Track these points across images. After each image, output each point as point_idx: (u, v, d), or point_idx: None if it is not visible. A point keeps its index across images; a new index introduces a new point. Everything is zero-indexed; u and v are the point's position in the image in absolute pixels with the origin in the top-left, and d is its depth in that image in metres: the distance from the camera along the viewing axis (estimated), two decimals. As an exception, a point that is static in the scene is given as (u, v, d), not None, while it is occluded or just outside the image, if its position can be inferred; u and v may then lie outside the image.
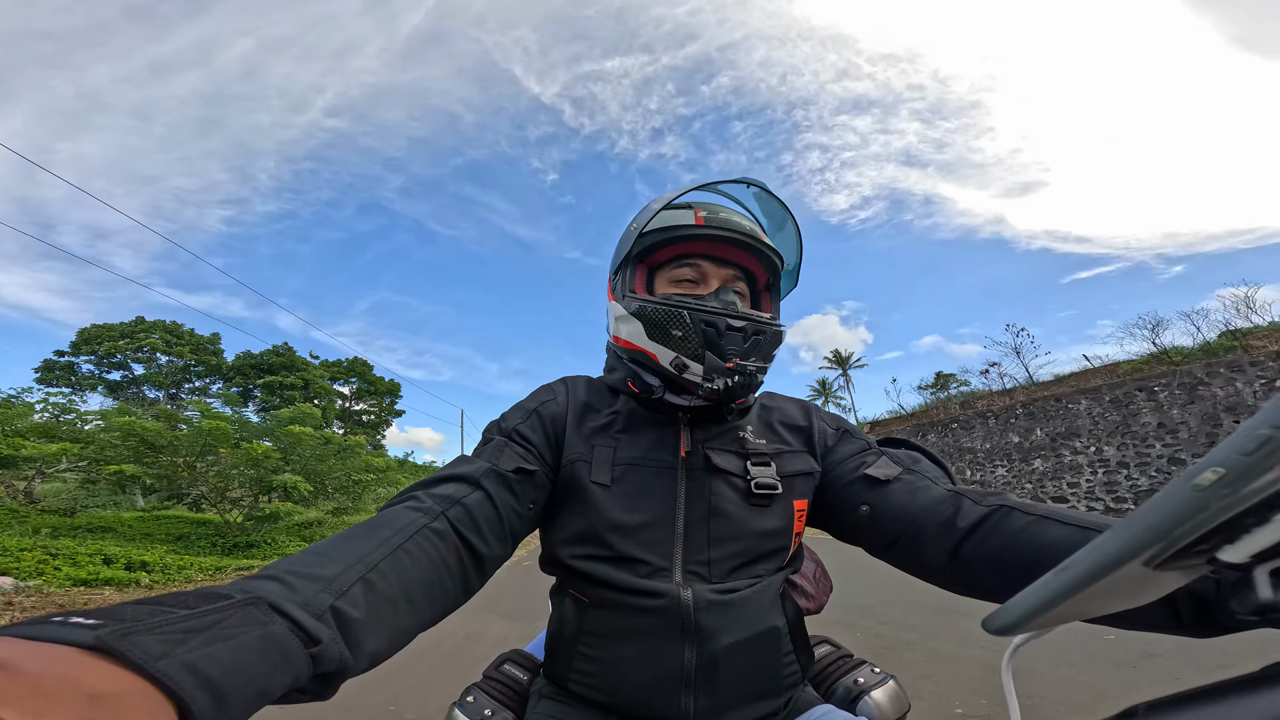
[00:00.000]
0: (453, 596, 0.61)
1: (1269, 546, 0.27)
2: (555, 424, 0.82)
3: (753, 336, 0.77)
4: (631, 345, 0.83)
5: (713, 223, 0.82)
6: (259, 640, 0.37)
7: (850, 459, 0.82)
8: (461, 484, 0.68)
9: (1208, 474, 0.25)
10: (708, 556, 0.73)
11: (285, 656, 0.38)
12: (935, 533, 0.67)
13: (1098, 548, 0.30)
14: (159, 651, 0.30)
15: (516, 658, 0.86)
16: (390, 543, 0.55)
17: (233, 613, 0.37)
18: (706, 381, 0.75)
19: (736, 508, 0.76)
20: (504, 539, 0.69)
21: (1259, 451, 0.24)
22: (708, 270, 0.85)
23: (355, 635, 0.46)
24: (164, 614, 0.33)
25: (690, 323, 0.75)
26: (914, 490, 0.73)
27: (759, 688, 0.71)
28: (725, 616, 0.69)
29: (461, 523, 0.63)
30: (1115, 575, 0.30)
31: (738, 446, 0.81)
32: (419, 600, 0.56)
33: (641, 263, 0.88)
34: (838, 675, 0.84)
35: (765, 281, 0.90)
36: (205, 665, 0.32)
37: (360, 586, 0.49)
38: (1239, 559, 0.28)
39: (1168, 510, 0.27)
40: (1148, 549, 0.28)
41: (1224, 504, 0.26)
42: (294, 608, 0.41)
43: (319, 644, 0.41)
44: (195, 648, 0.32)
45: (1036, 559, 0.56)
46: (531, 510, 0.75)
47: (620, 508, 0.74)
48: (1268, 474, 0.24)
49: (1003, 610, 0.35)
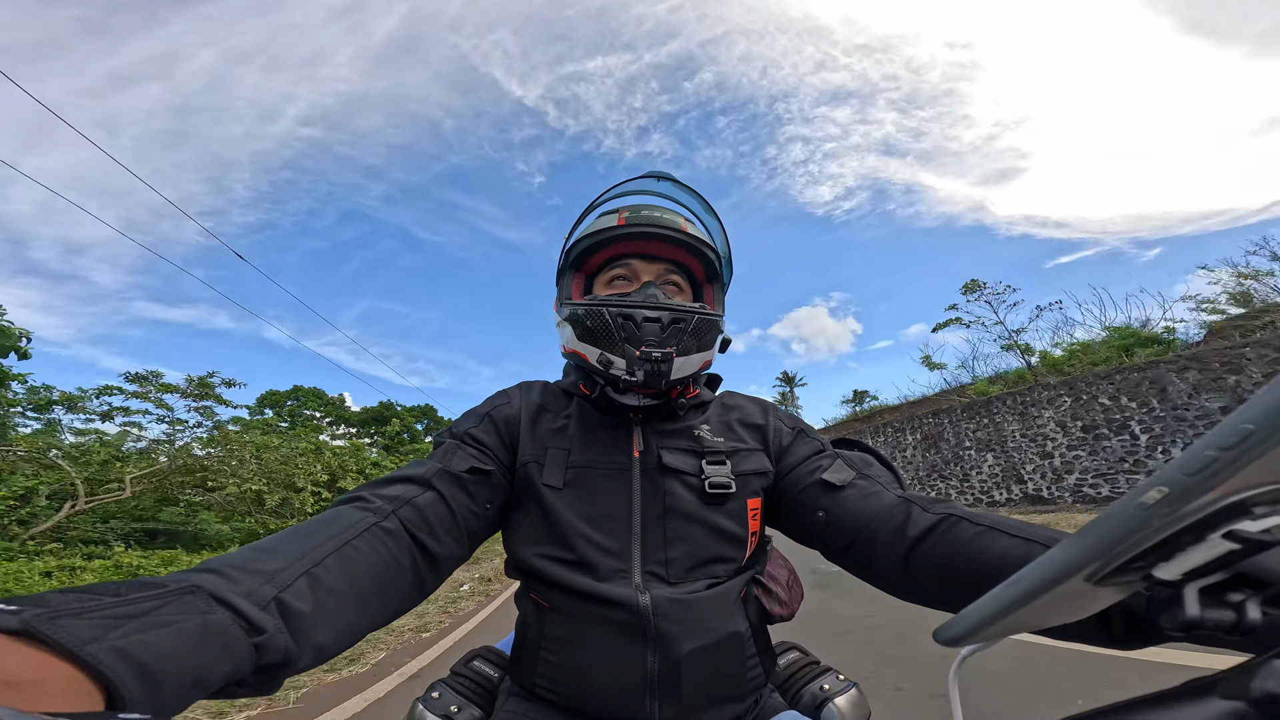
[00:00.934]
0: (406, 596, 0.61)
1: (1200, 565, 0.28)
2: (509, 426, 0.83)
3: (671, 325, 0.77)
4: (570, 349, 0.84)
5: (634, 221, 0.84)
6: (198, 628, 0.36)
7: (806, 462, 0.83)
8: (411, 485, 0.68)
9: (1153, 493, 0.26)
10: (665, 557, 0.73)
11: (226, 646, 0.37)
12: (886, 540, 0.69)
13: (1045, 563, 0.31)
14: (88, 635, 0.29)
15: (487, 654, 0.86)
16: (338, 539, 0.55)
17: (169, 600, 0.36)
18: (627, 375, 0.75)
19: (692, 507, 0.76)
20: (460, 539, 0.69)
21: (1203, 472, 0.25)
22: (638, 268, 0.86)
23: (300, 628, 0.45)
24: (93, 600, 0.33)
25: (609, 319, 0.77)
26: (866, 496, 0.75)
27: (723, 691, 0.71)
28: (685, 621, 0.69)
29: (412, 522, 0.63)
30: (1059, 589, 0.30)
31: (693, 445, 0.82)
32: (368, 597, 0.55)
33: (578, 271, 0.90)
34: (804, 682, 0.85)
35: (705, 274, 0.91)
36: (138, 651, 0.31)
37: (305, 580, 0.48)
38: (1172, 576, 0.29)
39: (1112, 527, 0.28)
40: (1090, 564, 0.29)
41: (1164, 522, 0.26)
42: (236, 597, 0.41)
43: (263, 633, 0.40)
44: (128, 634, 0.31)
45: (984, 570, 0.57)
46: (489, 510, 0.75)
47: (574, 510, 0.75)
48: (1207, 494, 0.25)
49: (954, 622, 0.36)
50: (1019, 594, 0.32)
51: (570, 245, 0.88)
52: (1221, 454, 0.24)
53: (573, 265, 0.89)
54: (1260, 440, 0.23)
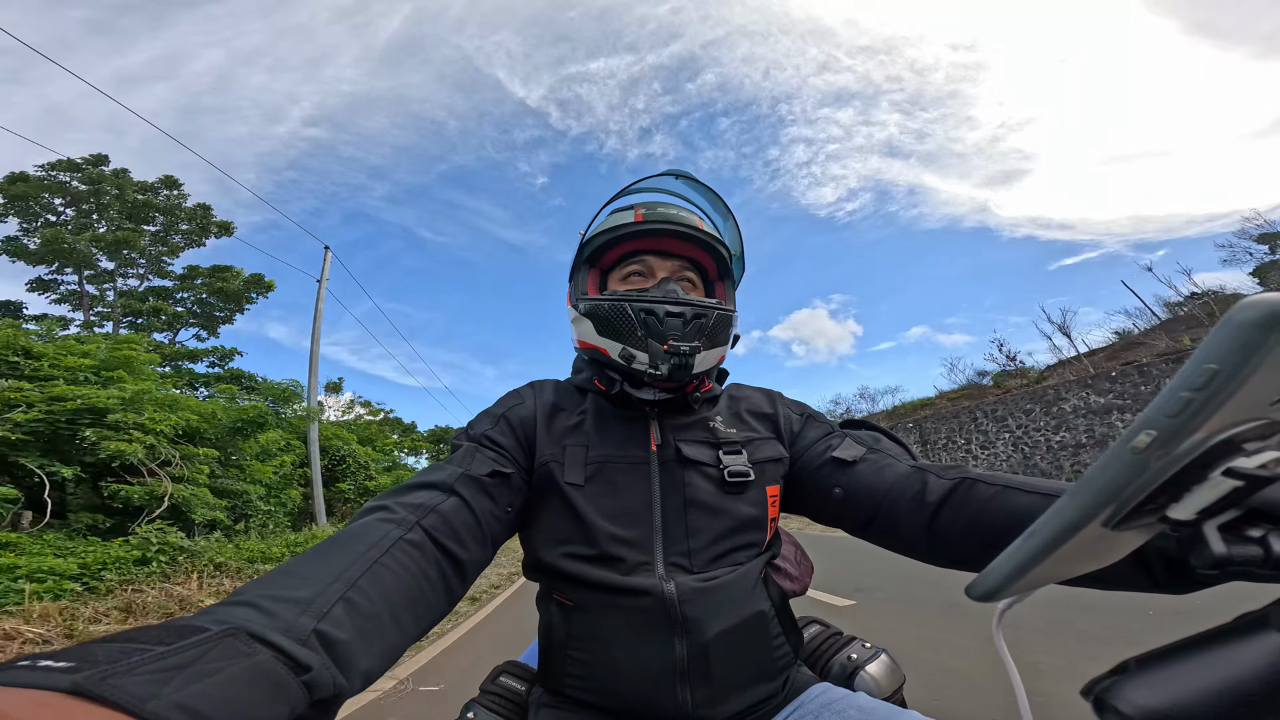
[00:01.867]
0: (436, 608, 0.61)
1: (1212, 503, 0.28)
2: (524, 427, 0.82)
3: (693, 320, 0.79)
4: (587, 344, 0.85)
5: (651, 218, 0.85)
6: (246, 673, 0.35)
7: (817, 443, 0.85)
8: (434, 491, 0.67)
9: (1142, 436, 0.26)
10: (688, 547, 0.74)
11: (277, 687, 0.37)
12: (908, 508, 0.69)
13: (1057, 512, 0.31)
14: (144, 694, 0.29)
15: (512, 669, 0.86)
16: (366, 558, 0.54)
17: (213, 646, 0.35)
18: (651, 369, 0.76)
19: (712, 497, 0.77)
20: (484, 544, 0.69)
21: (1183, 413, 0.25)
22: (654, 265, 0.88)
23: (344, 657, 0.45)
24: (138, 652, 0.32)
25: (631, 314, 0.78)
26: (879, 469, 0.76)
27: (754, 672, 0.71)
28: (710, 606, 0.69)
29: (438, 530, 0.62)
30: (1079, 537, 0.30)
31: (709, 436, 0.83)
32: (403, 615, 0.54)
33: (594, 267, 0.91)
34: (831, 653, 0.86)
35: (717, 271, 0.93)
36: (197, 704, 0.30)
37: (342, 606, 0.47)
38: (1187, 516, 0.29)
39: (1112, 473, 0.28)
40: (1102, 510, 0.29)
41: (1161, 465, 0.27)
42: (276, 635, 0.40)
43: (309, 670, 0.40)
44: (180, 686, 0.31)
45: (1007, 527, 0.58)
46: (509, 514, 0.75)
47: (596, 506, 0.75)
48: (1195, 434, 0.25)
49: (981, 578, 0.36)
50: (1039, 545, 0.32)
51: (587, 240, 0.88)
52: (1194, 394, 0.24)
53: (588, 261, 0.90)
54: (1227, 378, 0.23)
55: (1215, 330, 0.24)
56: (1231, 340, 0.23)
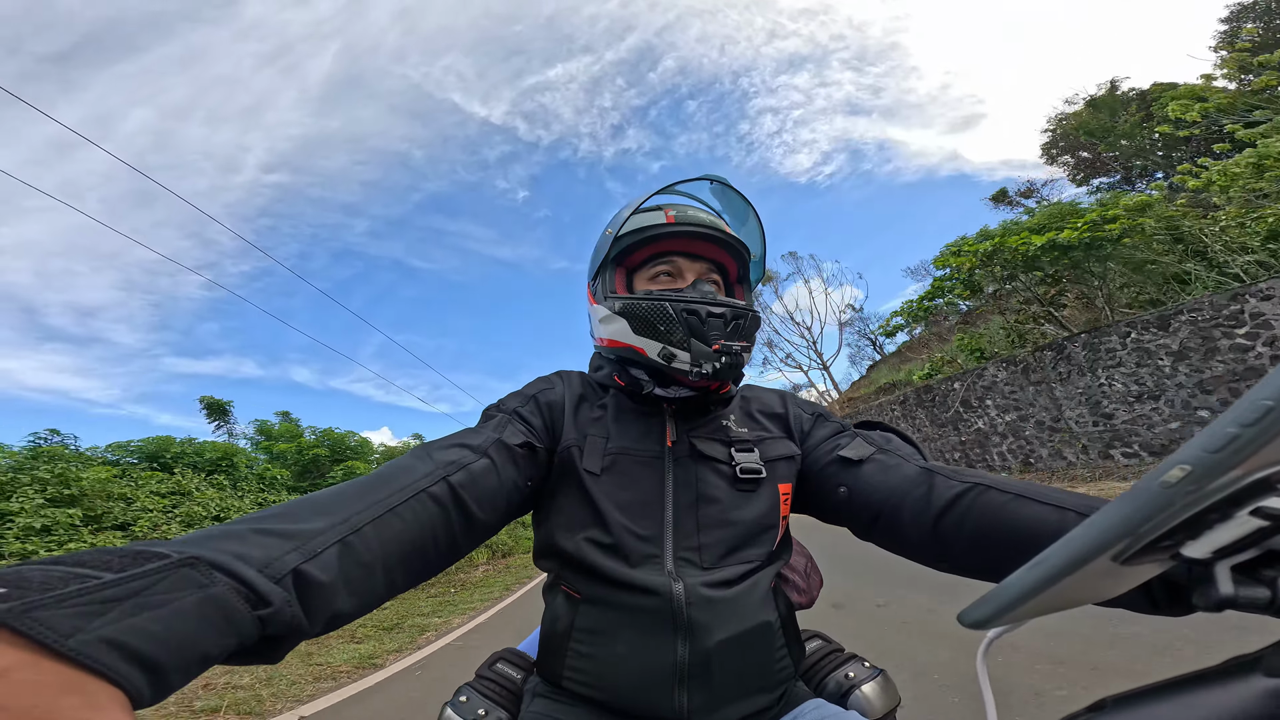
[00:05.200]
0: (433, 564, 0.62)
1: (1230, 543, 0.28)
2: (553, 410, 0.85)
3: (733, 321, 0.80)
4: (618, 343, 0.85)
5: (683, 220, 0.87)
6: (194, 605, 0.35)
7: (826, 442, 0.85)
8: (468, 450, 0.69)
9: (1175, 471, 0.26)
10: (698, 542, 0.74)
11: (228, 620, 0.37)
12: (912, 510, 0.69)
13: (1068, 543, 0.30)
14: (68, 628, 0.28)
15: (509, 656, 0.86)
16: (383, 504, 0.55)
17: (165, 576, 0.34)
18: (695, 367, 0.77)
19: (724, 493, 0.77)
20: (500, 511, 0.70)
21: (1226, 449, 0.24)
22: (683, 266, 0.89)
23: (317, 600, 0.45)
24: (79, 580, 0.31)
25: (674, 314, 0.79)
26: (886, 469, 0.76)
27: (753, 683, 0.71)
28: (717, 612, 0.69)
29: (463, 487, 0.64)
30: (1085, 570, 0.30)
31: (722, 435, 0.84)
32: (395, 567, 0.55)
33: (619, 265, 0.92)
34: (829, 670, 0.85)
35: (736, 273, 0.95)
36: (130, 638, 0.30)
37: (336, 549, 0.48)
38: (1201, 555, 0.29)
39: (1135, 507, 0.27)
40: (1115, 545, 0.29)
41: (1189, 500, 0.26)
42: (244, 566, 0.39)
43: (269, 606, 0.40)
44: (115, 619, 0.30)
45: (1017, 538, 0.57)
46: (530, 487, 0.77)
47: (610, 496, 0.76)
48: (1232, 471, 0.25)
49: (978, 605, 0.35)
50: (1044, 576, 0.31)
51: (618, 239, 0.89)
52: (1244, 430, 0.24)
53: (614, 260, 0.91)
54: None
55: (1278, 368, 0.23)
56: None
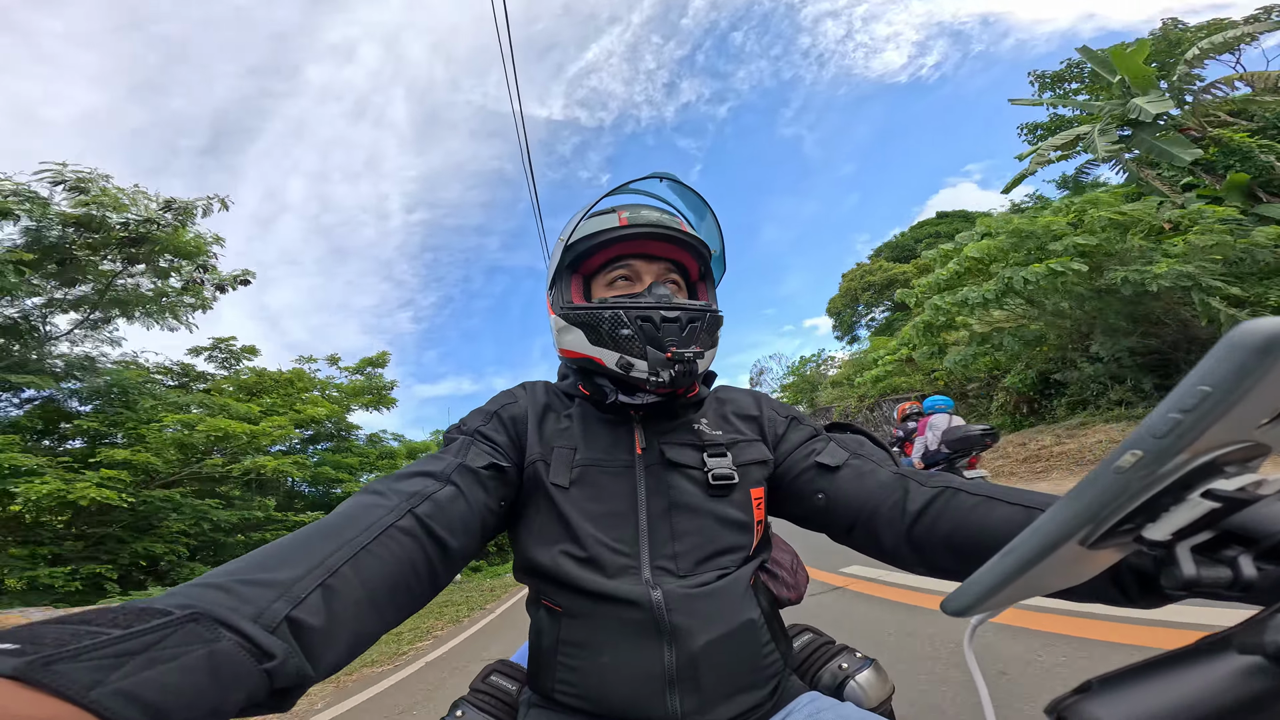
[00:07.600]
0: (419, 597, 0.61)
1: (1187, 524, 0.29)
2: (516, 425, 0.83)
3: (689, 324, 0.79)
4: (577, 354, 0.84)
5: (635, 221, 0.85)
6: (203, 660, 0.35)
7: (802, 447, 0.85)
8: (429, 479, 0.68)
9: (1127, 457, 0.27)
10: (673, 550, 0.74)
11: (236, 675, 0.37)
12: (888, 516, 0.70)
13: (1036, 530, 0.31)
14: (88, 680, 0.29)
15: (503, 668, 0.86)
16: (354, 543, 0.54)
17: (172, 631, 0.35)
18: (653, 376, 0.76)
19: (696, 500, 0.77)
20: (474, 535, 0.69)
21: (1171, 434, 0.25)
22: (640, 268, 0.87)
23: (315, 644, 0.45)
24: (91, 636, 0.31)
25: (627, 321, 0.77)
26: (862, 475, 0.76)
27: (742, 680, 0.71)
28: (698, 613, 0.70)
29: (431, 518, 0.63)
30: (1055, 555, 0.31)
31: (693, 439, 0.83)
32: (383, 603, 0.55)
33: (576, 272, 0.90)
34: (821, 662, 0.85)
35: (698, 272, 0.93)
36: (145, 691, 0.30)
37: (320, 593, 0.47)
38: (1161, 536, 0.29)
39: (1093, 493, 0.28)
40: (1079, 530, 0.30)
41: (1142, 485, 0.27)
42: (243, 621, 0.40)
43: (273, 659, 0.40)
44: (130, 673, 0.31)
45: (987, 538, 0.59)
46: (502, 508, 0.76)
47: (580, 508, 0.75)
48: (1179, 455, 0.26)
49: (957, 593, 0.37)
50: (1016, 563, 0.32)
51: (569, 247, 0.87)
52: (1184, 416, 0.25)
53: (570, 267, 0.89)
54: (1217, 401, 0.24)
55: (1212, 352, 0.24)
56: (1227, 363, 0.24)
